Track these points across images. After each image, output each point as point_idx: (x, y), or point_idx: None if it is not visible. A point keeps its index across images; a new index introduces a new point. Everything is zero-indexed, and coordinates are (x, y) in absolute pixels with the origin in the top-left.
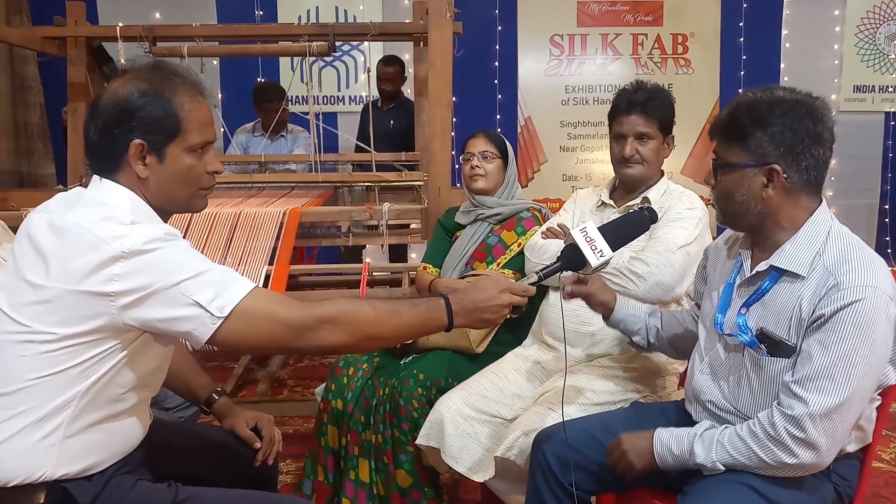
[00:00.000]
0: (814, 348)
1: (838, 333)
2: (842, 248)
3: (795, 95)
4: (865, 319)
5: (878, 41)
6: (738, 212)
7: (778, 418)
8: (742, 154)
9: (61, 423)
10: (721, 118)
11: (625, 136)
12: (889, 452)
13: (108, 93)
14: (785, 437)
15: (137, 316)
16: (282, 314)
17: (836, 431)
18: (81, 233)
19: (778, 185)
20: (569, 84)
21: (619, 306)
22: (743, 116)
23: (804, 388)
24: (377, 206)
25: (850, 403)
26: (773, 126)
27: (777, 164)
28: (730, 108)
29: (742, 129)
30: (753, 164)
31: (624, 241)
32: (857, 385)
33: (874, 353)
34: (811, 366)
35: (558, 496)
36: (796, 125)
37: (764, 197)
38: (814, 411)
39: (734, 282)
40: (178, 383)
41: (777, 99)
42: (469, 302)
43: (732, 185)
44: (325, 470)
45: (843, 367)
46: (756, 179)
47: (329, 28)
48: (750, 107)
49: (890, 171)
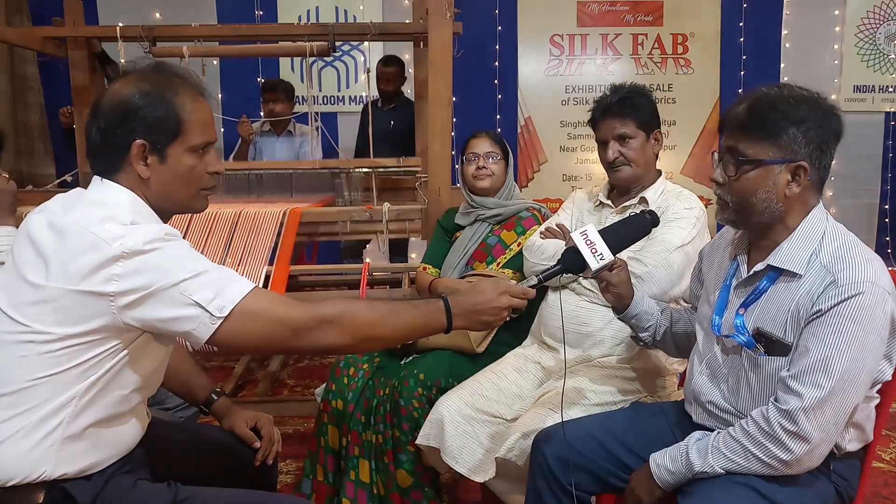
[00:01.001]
0: (810, 342)
1: (834, 326)
2: (838, 246)
3: (814, 93)
4: (862, 313)
5: (878, 41)
6: (756, 209)
7: (772, 413)
8: (771, 149)
9: (61, 422)
10: (741, 112)
11: (605, 141)
12: (889, 452)
13: (110, 94)
14: (778, 431)
15: (137, 316)
16: (281, 314)
17: (828, 424)
18: (82, 233)
19: (802, 183)
20: (569, 84)
21: (637, 301)
22: (770, 111)
23: (799, 382)
24: (377, 207)
25: (843, 395)
26: (806, 122)
27: (805, 161)
28: (749, 102)
29: (772, 124)
30: (783, 161)
31: (624, 244)
32: (850, 378)
33: (869, 347)
34: (807, 360)
35: (558, 496)
36: (825, 123)
37: (787, 195)
38: (807, 405)
39: (730, 283)
40: (177, 384)
41: (802, 95)
42: (468, 304)
43: (756, 181)
44: (325, 470)
45: (837, 359)
46: (781, 176)
47: (329, 28)
48: (776, 101)
49: (890, 171)
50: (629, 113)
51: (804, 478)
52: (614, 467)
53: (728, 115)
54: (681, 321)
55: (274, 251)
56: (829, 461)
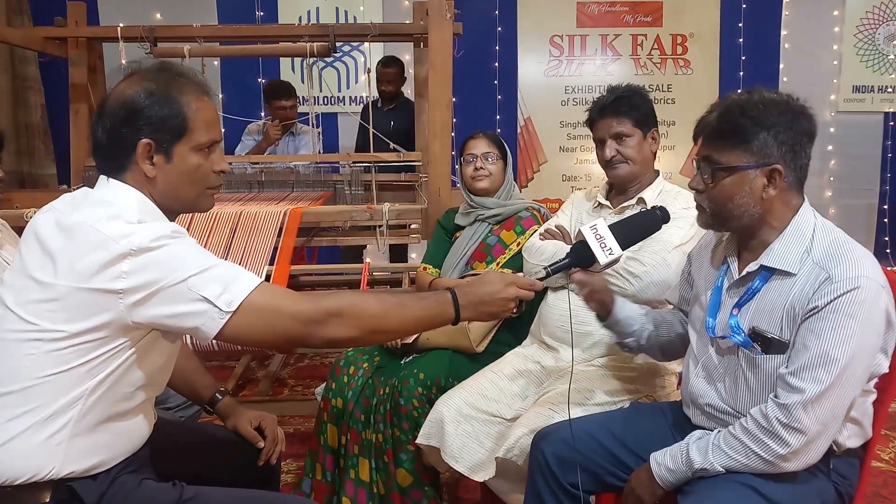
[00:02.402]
0: (808, 338)
1: (831, 321)
2: (829, 242)
3: (783, 96)
4: (858, 308)
5: (878, 42)
6: (734, 214)
7: (771, 409)
8: (744, 156)
9: (69, 421)
10: (711, 120)
11: (603, 140)
12: (889, 452)
13: (115, 93)
14: (776, 426)
15: (146, 313)
16: (289, 308)
17: (826, 417)
18: (89, 231)
19: (778, 185)
20: (568, 84)
21: (619, 307)
22: (740, 118)
23: (799, 378)
24: (377, 207)
25: (841, 389)
26: (776, 126)
27: (779, 164)
28: (719, 110)
29: (742, 130)
30: (757, 165)
31: (634, 240)
32: (848, 372)
33: (866, 340)
34: (806, 356)
35: (557, 496)
36: (795, 124)
37: (764, 198)
38: (807, 399)
39: (722, 285)
40: (181, 383)
41: (771, 99)
42: (475, 295)
43: (732, 187)
44: (324, 469)
45: (835, 354)
46: (757, 181)
47: (329, 29)
48: (745, 108)
49: (889, 171)
50: (626, 111)
51: (803, 476)
52: (614, 467)
53: (700, 125)
54: (664, 324)
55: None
56: (828, 459)
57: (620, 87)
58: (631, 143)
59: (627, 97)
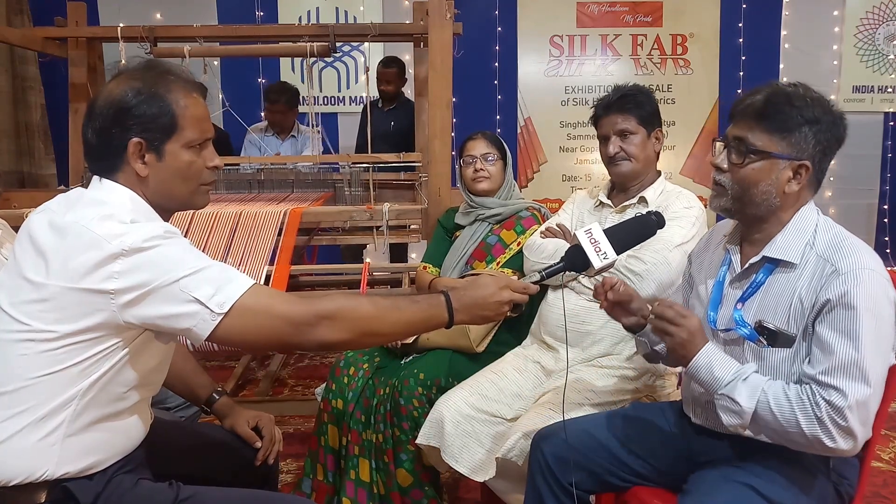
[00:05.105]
0: (831, 337)
1: (852, 319)
2: (832, 236)
3: (826, 99)
4: (873, 301)
5: (878, 42)
6: (755, 201)
7: (821, 401)
8: (780, 144)
9: (62, 421)
10: (756, 102)
11: (607, 136)
12: (889, 452)
13: (104, 94)
14: (827, 422)
15: (137, 313)
16: (281, 310)
17: (868, 418)
18: (81, 231)
19: (801, 182)
20: (568, 84)
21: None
22: (786, 107)
23: (837, 379)
24: (377, 207)
25: (878, 388)
26: (819, 123)
27: (809, 161)
28: (766, 93)
29: (787, 119)
30: (789, 157)
31: (629, 244)
32: (881, 369)
33: (887, 335)
34: (836, 356)
35: (557, 496)
36: (834, 128)
37: (786, 191)
38: (852, 402)
39: (724, 278)
40: (178, 383)
41: (818, 97)
42: (469, 298)
43: (759, 173)
44: (325, 469)
45: (867, 353)
46: (784, 172)
47: (329, 29)
48: (792, 98)
49: (889, 171)
50: (631, 109)
51: (803, 477)
52: (614, 466)
53: (742, 104)
54: None
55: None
56: (828, 459)
57: (626, 85)
58: (635, 141)
59: (633, 95)
